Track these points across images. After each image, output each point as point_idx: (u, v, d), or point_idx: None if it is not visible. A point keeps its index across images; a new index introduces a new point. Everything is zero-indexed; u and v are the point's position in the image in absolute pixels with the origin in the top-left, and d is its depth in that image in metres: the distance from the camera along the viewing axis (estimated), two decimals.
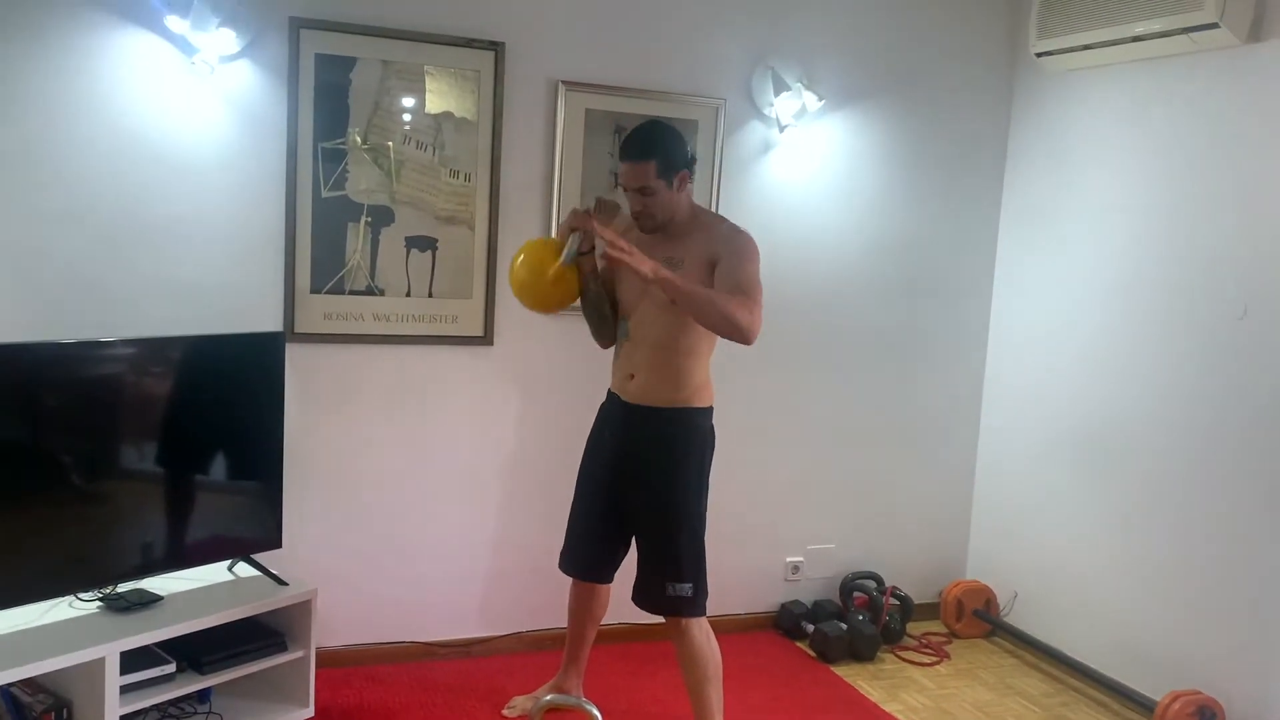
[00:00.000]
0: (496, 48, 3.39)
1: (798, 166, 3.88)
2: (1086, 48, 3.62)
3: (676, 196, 2.75)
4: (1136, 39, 3.43)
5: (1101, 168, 3.78)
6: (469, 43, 3.36)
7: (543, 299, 2.87)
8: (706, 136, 3.70)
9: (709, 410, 2.88)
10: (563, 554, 3.11)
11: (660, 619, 2.89)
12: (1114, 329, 3.71)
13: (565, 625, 3.26)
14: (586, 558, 3.06)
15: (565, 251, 2.78)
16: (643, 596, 2.84)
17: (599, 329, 3.04)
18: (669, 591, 2.78)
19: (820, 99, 3.73)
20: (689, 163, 2.77)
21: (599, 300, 2.97)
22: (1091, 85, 3.82)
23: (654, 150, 2.69)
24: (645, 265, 2.61)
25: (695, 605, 2.80)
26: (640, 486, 2.85)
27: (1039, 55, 3.82)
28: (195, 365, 2.96)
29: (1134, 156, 3.65)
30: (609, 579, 3.09)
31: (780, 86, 3.69)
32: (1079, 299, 3.86)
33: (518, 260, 2.86)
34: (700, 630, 2.82)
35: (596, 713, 2.68)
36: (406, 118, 3.33)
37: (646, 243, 2.81)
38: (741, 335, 2.61)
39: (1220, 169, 3.34)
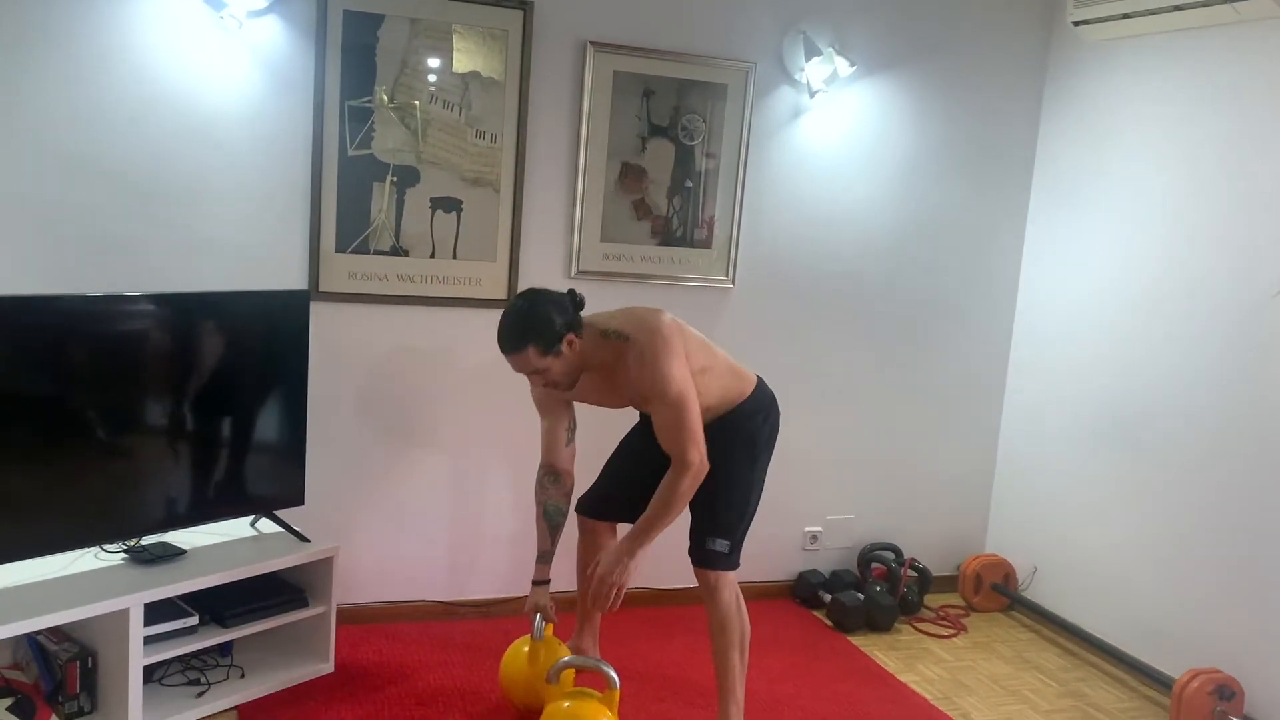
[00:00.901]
0: (525, 7, 3.35)
1: (827, 133, 3.83)
2: (1125, 16, 3.55)
3: (573, 356, 2.68)
4: (1177, 8, 3.36)
5: (1136, 140, 3.72)
6: (497, 1, 3.32)
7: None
8: (736, 100, 3.66)
9: (753, 394, 2.86)
10: (584, 499, 3.12)
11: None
12: (1143, 305, 3.66)
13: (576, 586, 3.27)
14: (603, 498, 3.08)
15: (536, 628, 2.91)
16: (691, 549, 2.89)
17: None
18: (708, 545, 2.83)
19: (852, 65, 3.67)
20: (571, 324, 2.65)
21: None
22: (1129, 55, 3.75)
23: (526, 338, 2.61)
24: (626, 573, 2.69)
25: (728, 561, 2.85)
26: None
27: (1076, 24, 3.74)
28: (221, 322, 2.97)
29: (1170, 129, 3.58)
30: (617, 518, 3.09)
31: (812, 51, 3.64)
32: (1109, 273, 3.81)
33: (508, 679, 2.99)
34: (731, 593, 2.86)
35: (612, 673, 2.70)
36: (433, 77, 3.30)
37: (591, 389, 2.80)
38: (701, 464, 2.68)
39: (1259, 144, 3.27)
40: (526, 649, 2.94)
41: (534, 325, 2.62)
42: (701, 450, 2.65)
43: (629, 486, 2.96)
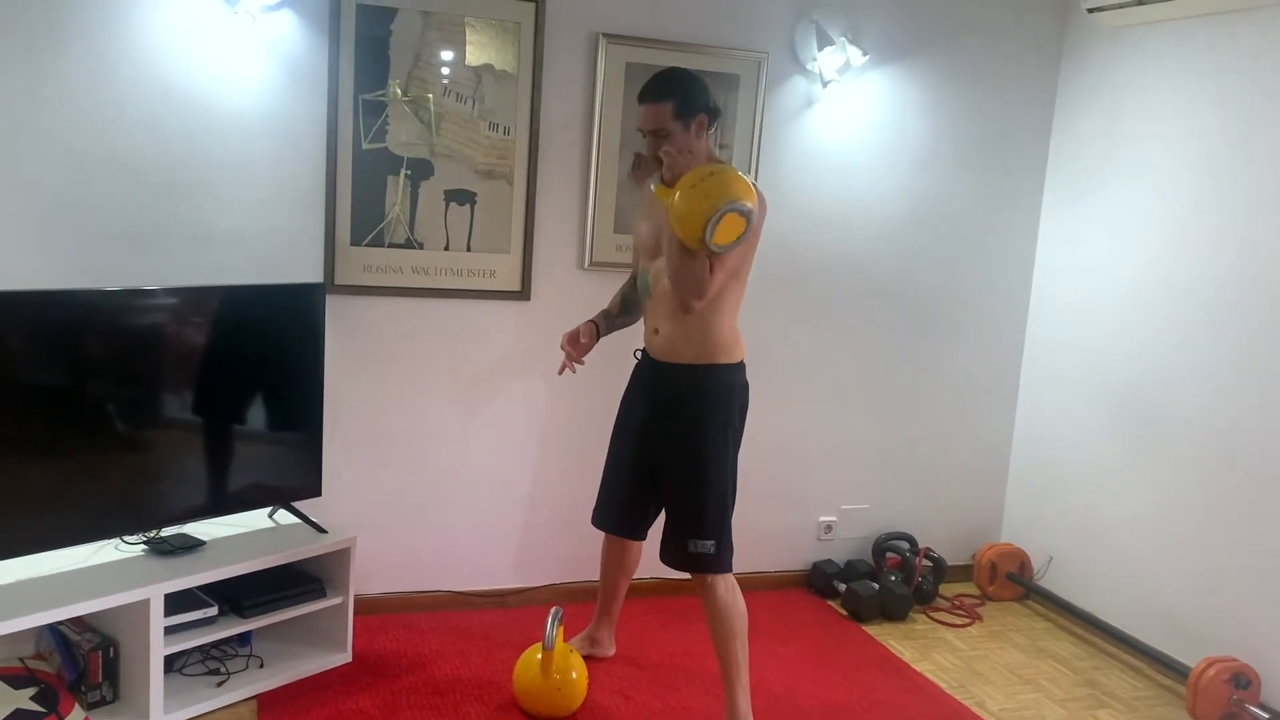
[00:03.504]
0: None
1: (840, 123, 3.83)
2: (1141, 3, 3.52)
3: (694, 142, 2.67)
4: None
5: (1152, 128, 3.70)
6: None
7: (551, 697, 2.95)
8: (748, 91, 3.66)
9: (738, 366, 2.82)
10: (595, 510, 3.13)
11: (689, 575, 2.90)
12: (1159, 293, 3.65)
13: (598, 578, 3.29)
14: (616, 514, 3.08)
15: (548, 637, 2.90)
16: (668, 553, 2.84)
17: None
18: (691, 548, 2.77)
19: (864, 54, 3.66)
20: (709, 109, 2.68)
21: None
22: (1145, 42, 3.73)
23: (671, 91, 2.62)
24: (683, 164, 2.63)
25: (718, 562, 2.77)
26: (667, 443, 2.84)
27: (1090, 10, 3.72)
28: (237, 315, 2.99)
29: (1186, 117, 3.56)
30: (640, 536, 3.10)
31: (824, 40, 3.63)
32: (1124, 263, 3.80)
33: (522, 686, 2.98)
34: (725, 586, 2.80)
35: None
36: (446, 70, 3.31)
37: (657, 213, 2.79)
38: (684, 301, 2.63)
39: (1277, 131, 3.25)
40: (539, 657, 2.94)
41: (682, 84, 2.65)
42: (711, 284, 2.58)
43: (629, 501, 3.03)
